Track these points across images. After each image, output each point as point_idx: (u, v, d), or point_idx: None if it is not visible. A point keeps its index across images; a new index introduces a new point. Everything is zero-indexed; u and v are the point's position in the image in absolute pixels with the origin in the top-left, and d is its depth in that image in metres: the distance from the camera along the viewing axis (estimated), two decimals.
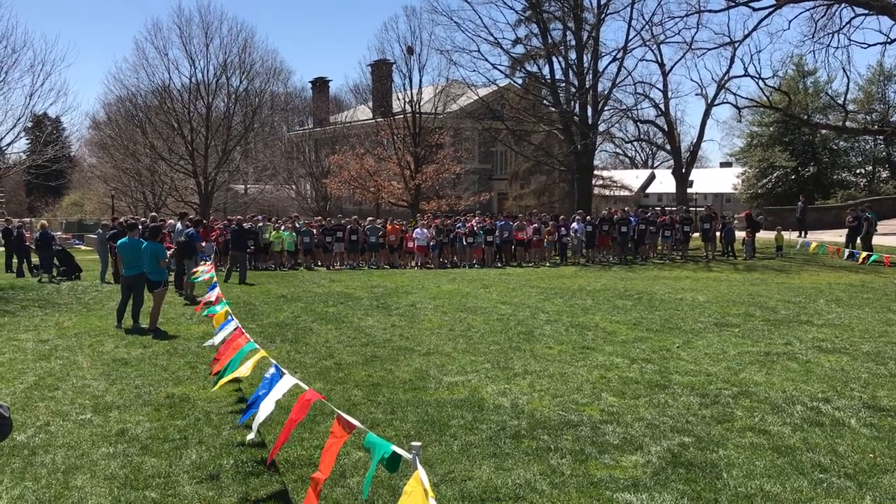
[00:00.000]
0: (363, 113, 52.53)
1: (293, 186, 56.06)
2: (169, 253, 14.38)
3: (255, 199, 55.64)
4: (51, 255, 20.18)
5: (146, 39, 66.05)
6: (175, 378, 8.76)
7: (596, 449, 6.20)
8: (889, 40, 36.01)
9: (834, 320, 12.68)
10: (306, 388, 5.30)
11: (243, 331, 7.81)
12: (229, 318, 8.81)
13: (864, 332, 11.54)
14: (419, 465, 3.31)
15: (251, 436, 5.96)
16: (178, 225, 18.03)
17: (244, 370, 6.77)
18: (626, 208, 29.92)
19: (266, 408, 5.56)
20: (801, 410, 7.28)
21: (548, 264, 25.06)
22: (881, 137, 48.64)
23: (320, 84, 62.39)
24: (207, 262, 15.47)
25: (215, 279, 12.30)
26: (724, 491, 5.34)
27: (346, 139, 49.87)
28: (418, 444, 3.70)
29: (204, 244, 19.11)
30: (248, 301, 15.31)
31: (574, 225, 25.62)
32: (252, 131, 52.84)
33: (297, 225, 25.20)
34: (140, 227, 15.06)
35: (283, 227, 24.36)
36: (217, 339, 8.56)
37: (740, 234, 26.98)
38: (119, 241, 13.30)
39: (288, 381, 5.58)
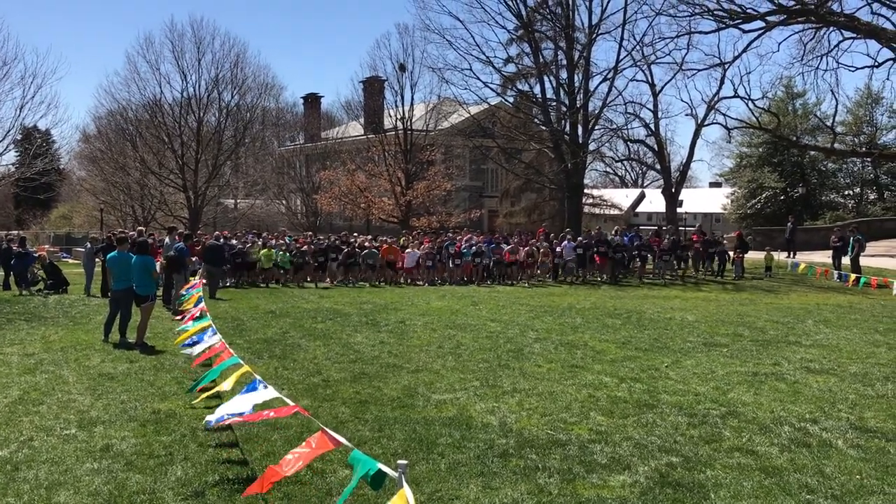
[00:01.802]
0: (354, 129, 52.60)
1: (283, 202, 56.01)
2: (158, 266, 14.31)
3: (245, 214, 55.53)
4: (24, 268, 20.06)
5: (138, 53, 66.05)
6: (161, 393, 8.69)
7: (584, 468, 6.18)
8: (876, 64, 36.38)
9: (822, 341, 12.72)
10: (290, 402, 5.27)
11: (227, 345, 7.78)
12: (210, 329, 8.77)
13: (851, 353, 11.58)
14: (405, 484, 3.29)
15: (211, 418, 5.95)
16: (167, 239, 17.97)
17: (226, 385, 6.73)
18: (616, 228, 29.81)
19: (241, 404, 5.51)
20: (789, 431, 7.28)
21: (534, 282, 24.41)
22: (869, 160, 49.04)
23: (312, 100, 62.48)
24: (193, 279, 15.41)
25: (201, 294, 12.26)
26: None
27: (338, 155, 49.91)
28: (405, 462, 3.68)
29: (194, 259, 19.07)
30: (235, 316, 15.24)
31: (565, 244, 25.16)
32: (243, 146, 52.87)
33: (287, 241, 24.40)
34: (129, 240, 14.98)
35: (273, 245, 23.44)
36: (196, 350, 8.52)
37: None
38: (108, 255, 13.23)
39: (270, 393, 5.54)
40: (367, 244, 25.14)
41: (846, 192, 55.09)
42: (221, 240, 22.22)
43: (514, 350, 11.61)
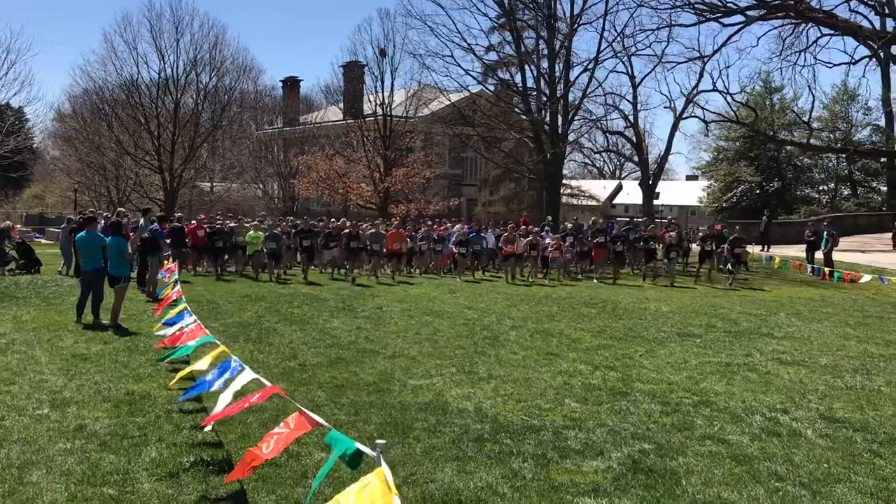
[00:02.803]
0: (334, 114, 52.27)
1: (260, 186, 55.62)
2: (130, 247, 14.15)
3: (222, 198, 55.04)
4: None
5: (115, 32, 64.92)
6: (135, 375, 8.64)
7: (558, 454, 6.24)
8: (853, 61, 36.86)
9: (794, 333, 12.90)
10: (267, 383, 5.27)
11: (202, 326, 7.74)
12: (186, 311, 8.72)
13: (822, 346, 11.75)
14: (383, 463, 3.31)
15: (207, 428, 5.93)
16: (142, 221, 17.80)
17: (202, 365, 6.68)
18: (593, 219, 29.74)
19: (224, 399, 5.51)
20: (760, 420, 7.39)
21: (536, 277, 21.92)
22: (843, 156, 49.66)
23: (291, 83, 61.97)
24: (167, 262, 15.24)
25: (177, 277, 12.17)
26: (683, 497, 5.41)
27: (316, 140, 49.60)
28: (382, 441, 3.71)
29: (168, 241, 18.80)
30: (211, 300, 15.15)
31: (545, 234, 23.42)
32: (220, 129, 52.31)
33: (265, 225, 21.87)
34: (103, 221, 14.83)
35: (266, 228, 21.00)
36: (169, 332, 8.46)
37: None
38: (77, 236, 13.04)
39: (247, 375, 5.54)
40: (367, 227, 22.27)
41: (821, 188, 55.84)
42: (182, 222, 21.49)
43: (491, 337, 11.66)
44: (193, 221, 22.35)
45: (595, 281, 21.50)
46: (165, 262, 15.48)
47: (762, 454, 6.39)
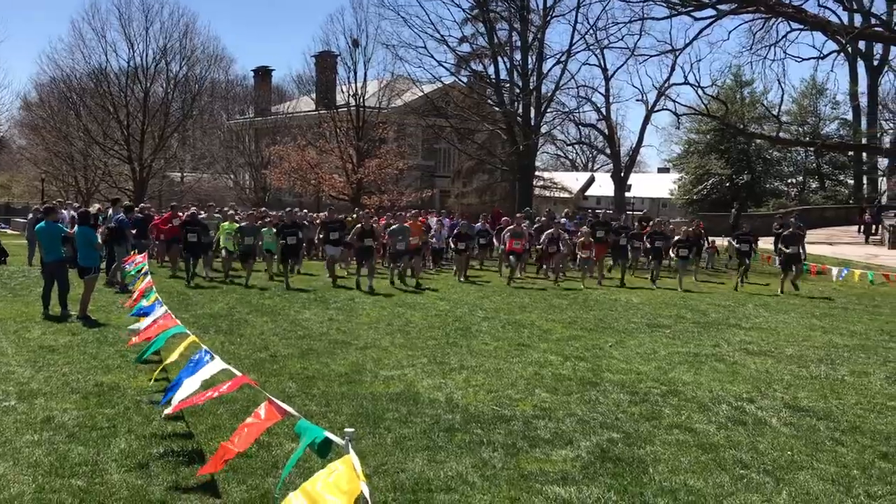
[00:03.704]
0: (306, 104, 51.99)
1: (231, 176, 55.16)
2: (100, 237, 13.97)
3: (192, 188, 54.52)
4: None
5: (83, 19, 64.09)
6: (104, 366, 8.57)
7: (527, 443, 6.30)
8: (822, 55, 37.43)
9: (761, 324, 13.10)
10: (238, 373, 5.26)
11: (173, 316, 7.69)
12: (157, 302, 8.65)
13: (788, 336, 11.95)
14: (351, 451, 3.33)
15: (168, 410, 5.90)
16: (111, 211, 17.59)
17: (174, 357, 6.65)
18: (566, 210, 29.78)
19: (190, 385, 5.49)
20: (726, 409, 7.51)
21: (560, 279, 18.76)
22: (812, 149, 50.35)
23: (263, 73, 61.51)
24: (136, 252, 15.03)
25: (146, 268, 12.06)
26: (650, 485, 5.49)
27: (288, 130, 49.31)
28: (351, 430, 3.73)
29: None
30: (181, 291, 15.04)
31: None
32: (191, 118, 51.84)
33: (234, 215, 19.75)
34: (68, 211, 14.62)
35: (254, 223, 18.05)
36: (141, 326, 8.39)
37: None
38: (37, 226, 12.74)
39: (217, 365, 5.52)
40: (386, 222, 19.31)
41: (789, 181, 56.57)
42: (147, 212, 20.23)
43: (463, 328, 11.71)
44: (167, 210, 19.77)
45: (594, 282, 18.67)
46: (133, 253, 15.29)
47: (728, 442, 6.50)
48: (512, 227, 18.90)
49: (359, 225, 16.87)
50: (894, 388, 8.72)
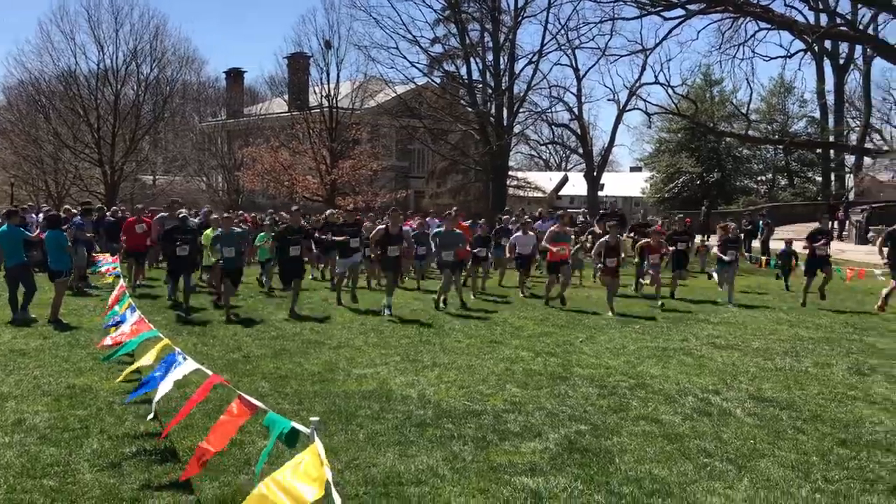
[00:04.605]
0: (279, 105, 51.75)
1: (204, 178, 54.78)
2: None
3: (164, 191, 54.07)
4: None
5: (51, 22, 63.37)
6: (76, 369, 8.56)
7: (497, 436, 6.42)
8: (789, 54, 38.06)
9: (729, 319, 13.33)
10: (209, 373, 5.32)
11: (146, 320, 7.72)
12: (130, 308, 8.66)
13: (755, 330, 12.18)
14: (317, 439, 3.42)
15: (150, 416, 5.95)
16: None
17: (147, 360, 6.69)
18: (540, 210, 29.98)
19: (164, 387, 5.55)
20: (692, 401, 7.68)
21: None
22: (780, 147, 51.10)
23: (235, 74, 61.09)
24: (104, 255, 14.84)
25: (119, 271, 12.02)
26: (616, 474, 5.63)
27: (261, 131, 49.06)
28: (317, 418, 3.83)
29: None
30: (153, 294, 14.99)
31: (518, 234, 16.44)
32: (162, 121, 51.44)
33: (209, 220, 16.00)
34: (38, 215, 14.44)
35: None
36: (117, 335, 8.38)
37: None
38: None
39: (190, 365, 5.58)
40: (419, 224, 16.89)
41: (759, 178, 57.40)
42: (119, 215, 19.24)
43: (435, 326, 11.81)
44: (146, 213, 17.18)
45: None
46: (96, 255, 15.10)
47: (693, 432, 6.66)
48: (554, 228, 15.14)
49: (381, 228, 13.59)
50: (855, 378, 8.95)
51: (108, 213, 19.26)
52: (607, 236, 14.05)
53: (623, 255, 14.11)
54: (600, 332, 11.59)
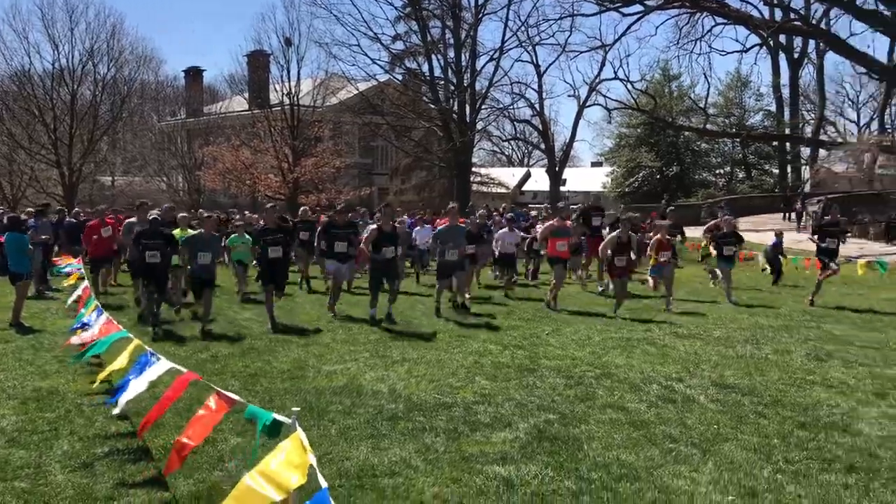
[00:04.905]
0: (239, 104, 51.32)
1: (164, 178, 54.13)
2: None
3: (124, 191, 53.32)
4: None
5: (3, 20, 62.24)
6: (42, 372, 8.48)
7: (468, 427, 6.52)
8: (745, 49, 38.74)
9: (691, 309, 13.60)
10: (184, 370, 5.34)
11: (114, 321, 7.68)
12: (98, 310, 8.60)
13: (717, 320, 12.45)
14: (298, 428, 3.49)
15: (116, 410, 5.95)
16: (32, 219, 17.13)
17: (120, 361, 6.66)
18: (504, 205, 30.12)
19: (137, 386, 5.56)
20: (657, 389, 7.86)
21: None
22: (738, 140, 52.01)
23: (194, 73, 60.47)
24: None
25: (82, 272, 11.90)
26: (585, 461, 5.76)
27: (221, 130, 48.63)
28: (297, 409, 3.90)
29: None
30: (119, 293, 14.84)
31: (503, 231, 16.09)
32: (121, 121, 50.69)
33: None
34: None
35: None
36: (86, 336, 8.32)
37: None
38: None
39: (164, 365, 5.59)
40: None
41: (717, 171, 58.37)
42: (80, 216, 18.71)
43: (404, 321, 11.88)
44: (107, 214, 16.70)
45: (584, 283, 16.88)
46: (56, 259, 14.89)
47: (658, 419, 6.83)
48: (552, 222, 14.38)
49: (374, 227, 12.40)
50: (813, 364, 9.22)
51: (68, 216, 18.97)
52: (618, 231, 13.12)
53: (634, 256, 13.26)
54: (566, 325, 11.76)
